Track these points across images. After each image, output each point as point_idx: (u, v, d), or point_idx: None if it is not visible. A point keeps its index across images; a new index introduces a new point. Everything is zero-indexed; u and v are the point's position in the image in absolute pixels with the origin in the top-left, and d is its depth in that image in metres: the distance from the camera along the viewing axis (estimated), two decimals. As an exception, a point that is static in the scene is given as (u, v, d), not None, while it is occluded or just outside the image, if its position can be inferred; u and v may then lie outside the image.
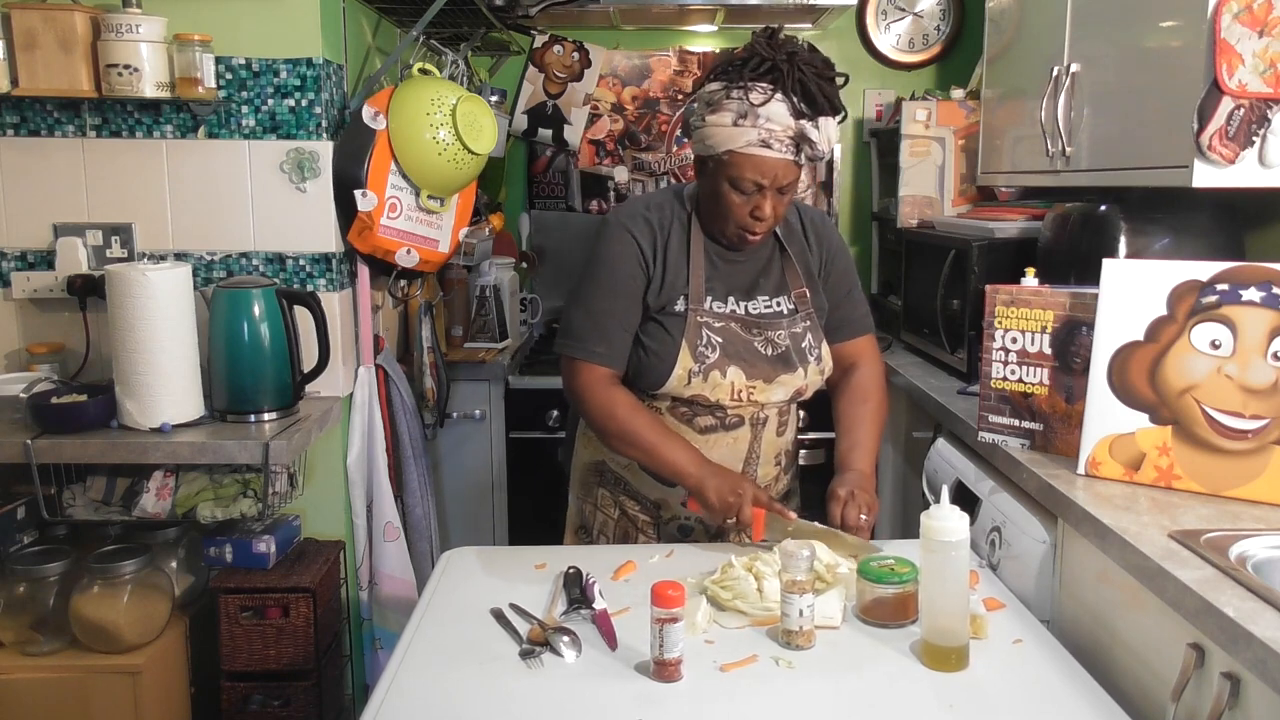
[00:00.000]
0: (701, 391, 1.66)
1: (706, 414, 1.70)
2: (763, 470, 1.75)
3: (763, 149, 1.53)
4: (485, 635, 1.38)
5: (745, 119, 1.53)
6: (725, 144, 1.55)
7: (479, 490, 2.89)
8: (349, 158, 2.21)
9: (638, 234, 1.67)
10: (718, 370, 1.65)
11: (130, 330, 1.94)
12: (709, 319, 1.66)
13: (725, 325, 1.67)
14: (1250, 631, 1.08)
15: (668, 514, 1.77)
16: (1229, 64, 1.69)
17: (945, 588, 1.28)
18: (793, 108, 1.52)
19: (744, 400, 1.68)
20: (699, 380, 1.65)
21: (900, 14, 3.35)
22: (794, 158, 1.55)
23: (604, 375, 1.67)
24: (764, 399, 1.69)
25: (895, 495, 2.82)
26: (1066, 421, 1.69)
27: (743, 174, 1.56)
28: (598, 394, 1.66)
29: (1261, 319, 1.47)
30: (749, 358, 1.67)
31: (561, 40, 3.40)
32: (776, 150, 1.53)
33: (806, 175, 3.44)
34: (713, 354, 1.65)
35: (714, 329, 1.66)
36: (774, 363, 1.68)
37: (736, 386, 1.66)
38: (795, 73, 1.52)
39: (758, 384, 1.67)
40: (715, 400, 1.67)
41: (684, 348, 1.64)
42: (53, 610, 1.96)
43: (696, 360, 1.64)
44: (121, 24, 1.96)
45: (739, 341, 1.67)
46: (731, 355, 1.66)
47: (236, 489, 2.10)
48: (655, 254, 1.67)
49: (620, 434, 1.64)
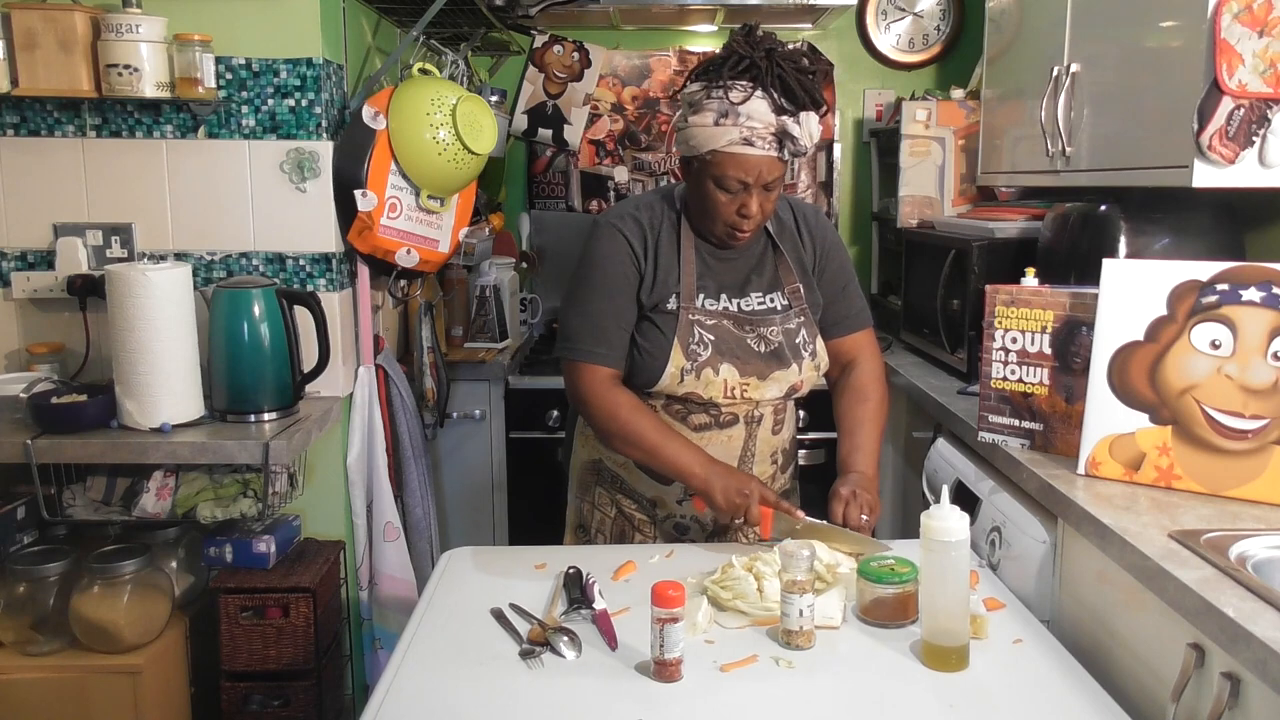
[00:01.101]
0: (695, 389, 1.66)
1: (700, 412, 1.70)
2: (758, 469, 1.75)
3: (745, 147, 1.54)
4: (485, 635, 1.38)
5: (726, 118, 1.53)
6: (708, 144, 1.56)
7: (479, 490, 2.89)
8: (349, 158, 2.21)
9: (628, 233, 1.68)
10: (710, 368, 1.65)
11: (130, 330, 1.94)
12: (701, 317, 1.66)
13: (717, 323, 1.67)
14: (1250, 631, 1.08)
15: (664, 512, 1.77)
16: (1229, 64, 1.69)
17: (945, 588, 1.28)
18: (773, 104, 1.53)
19: (737, 397, 1.68)
20: (691, 378, 1.65)
21: (900, 14, 3.35)
22: (777, 154, 1.55)
23: (606, 376, 1.67)
24: (758, 396, 1.69)
25: (895, 495, 2.82)
26: (1066, 421, 1.69)
27: (727, 173, 1.56)
28: (600, 396, 1.65)
29: (1261, 319, 1.47)
30: (742, 355, 1.67)
31: (561, 40, 3.40)
32: (759, 148, 1.54)
33: (806, 175, 3.44)
34: (705, 352, 1.65)
35: (706, 327, 1.66)
36: (767, 359, 1.68)
37: (730, 384, 1.66)
38: (774, 69, 1.52)
39: (751, 381, 1.67)
40: (709, 398, 1.67)
41: (676, 346, 1.64)
42: (53, 610, 1.96)
43: (689, 358, 1.64)
44: (121, 24, 1.97)
45: (731, 339, 1.67)
46: (724, 353, 1.66)
47: (236, 489, 2.11)
48: (646, 253, 1.68)
49: (623, 435, 1.64)
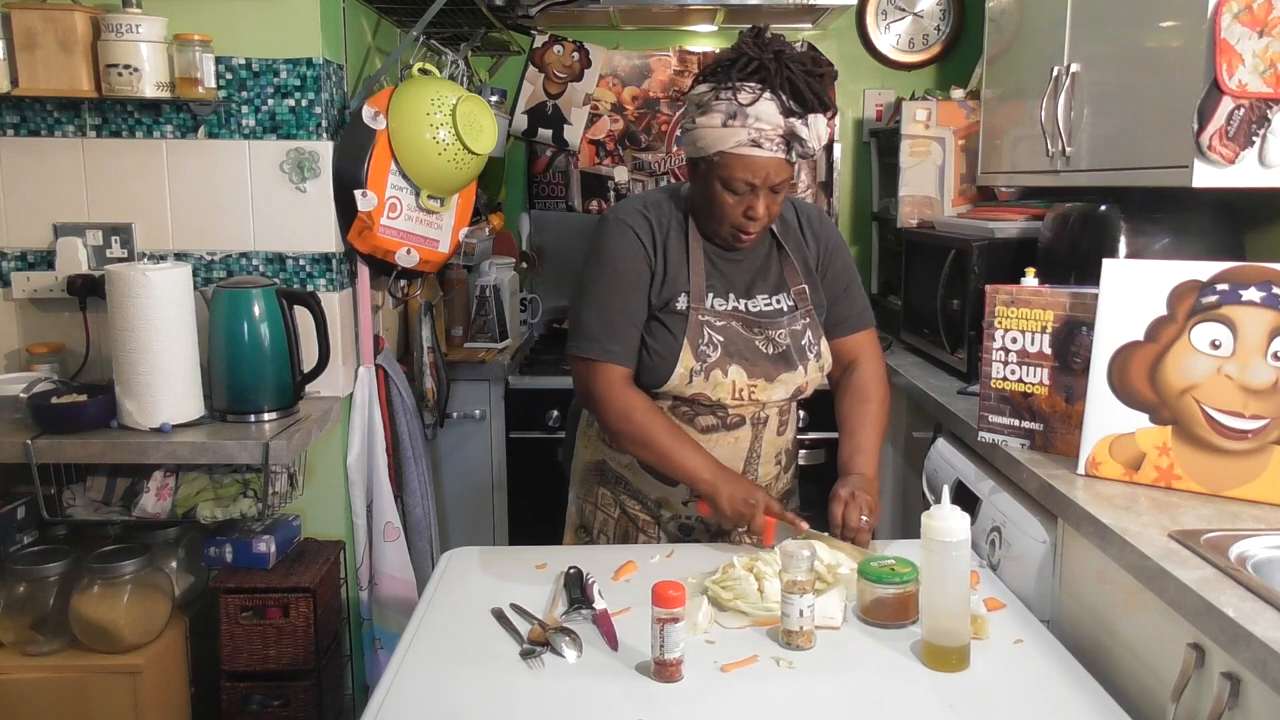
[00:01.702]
0: (703, 390, 1.66)
1: (708, 413, 1.70)
2: (763, 469, 1.75)
3: (753, 149, 1.53)
4: (485, 635, 1.38)
5: (735, 119, 1.52)
6: (716, 145, 1.55)
7: (479, 490, 2.89)
8: (349, 158, 2.21)
9: (639, 229, 1.67)
10: (719, 369, 1.65)
11: (130, 330, 1.94)
12: (710, 317, 1.66)
13: (727, 324, 1.67)
14: (1250, 631, 1.08)
15: (668, 512, 1.77)
16: (1229, 64, 1.69)
17: (946, 588, 1.28)
18: (781, 106, 1.52)
19: (745, 399, 1.68)
20: (700, 379, 1.65)
21: (900, 14, 3.35)
22: (785, 156, 1.55)
23: (620, 375, 1.65)
24: (765, 398, 1.69)
25: (895, 495, 2.82)
26: (1066, 421, 1.69)
27: (734, 174, 1.56)
28: (615, 395, 1.64)
29: (1261, 319, 1.47)
30: (751, 356, 1.67)
31: (561, 40, 3.40)
32: (767, 149, 1.53)
33: (806, 175, 3.44)
34: (714, 353, 1.65)
35: (715, 328, 1.66)
36: (775, 361, 1.68)
37: (738, 385, 1.66)
38: (783, 71, 1.51)
39: (759, 383, 1.67)
40: (717, 399, 1.67)
41: (686, 346, 1.64)
42: (53, 610, 1.96)
43: (698, 359, 1.64)
44: (121, 24, 1.97)
45: (740, 340, 1.67)
46: (733, 354, 1.66)
47: (236, 489, 2.10)
48: (656, 250, 1.67)
49: (636, 437, 1.63)
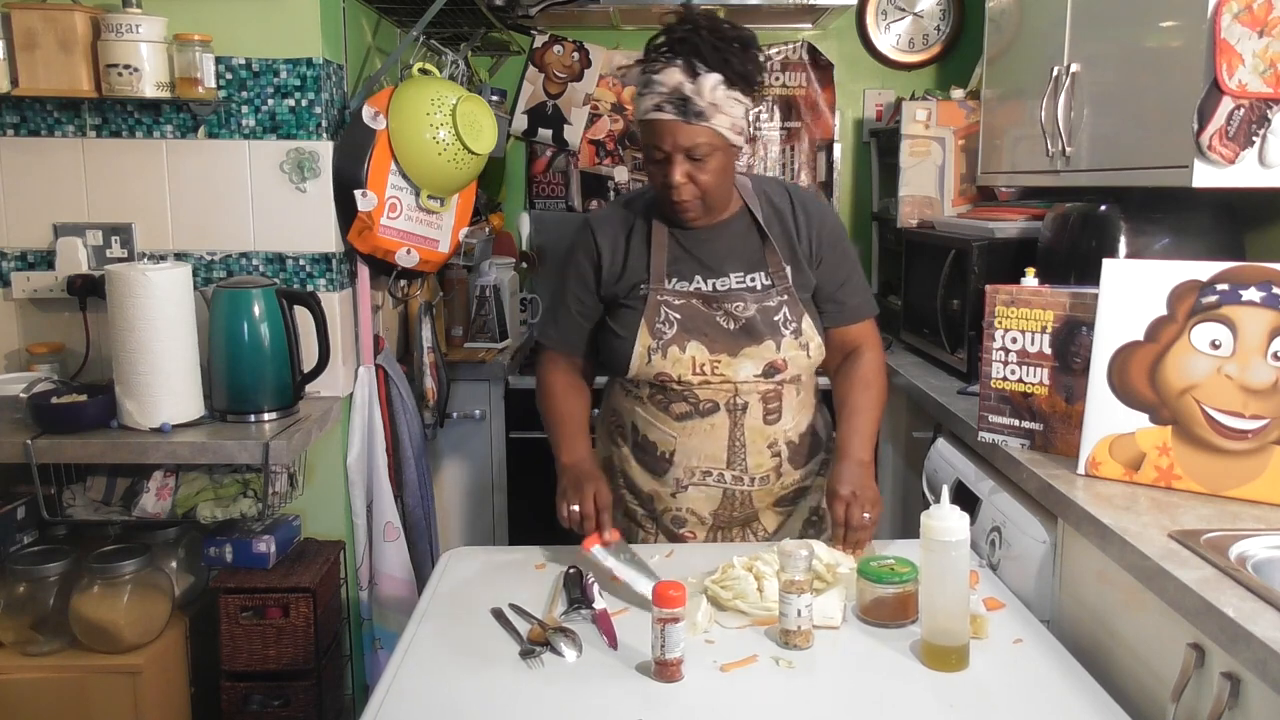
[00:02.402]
0: (664, 369, 1.68)
1: (680, 400, 1.71)
2: (753, 460, 1.72)
3: (656, 113, 1.58)
4: (485, 635, 1.38)
5: (646, 89, 1.59)
6: (636, 117, 1.63)
7: (479, 490, 2.90)
8: (349, 158, 2.21)
9: (596, 230, 1.78)
10: (676, 345, 1.67)
11: (130, 330, 1.94)
12: (669, 297, 1.70)
13: (686, 302, 1.70)
14: (1250, 631, 1.08)
15: (661, 506, 1.77)
16: (1229, 64, 1.69)
17: (945, 588, 1.28)
18: (684, 69, 1.56)
19: (709, 374, 1.68)
20: (658, 357, 1.68)
21: (900, 14, 3.35)
22: (679, 117, 1.56)
23: (551, 358, 1.83)
24: (731, 374, 1.68)
25: (895, 495, 2.82)
26: (1066, 421, 1.69)
27: (649, 142, 1.62)
28: (543, 375, 1.84)
29: (1261, 319, 1.47)
30: (710, 332, 1.68)
31: (561, 40, 3.40)
32: (666, 112, 1.57)
33: (807, 175, 3.44)
34: (670, 330, 1.68)
35: (673, 306, 1.70)
36: (736, 335, 1.69)
37: (698, 361, 1.68)
38: (693, 38, 1.56)
39: (722, 358, 1.68)
40: (678, 376, 1.68)
41: (643, 325, 1.69)
42: (53, 610, 1.96)
43: (654, 336, 1.68)
44: (121, 24, 1.97)
45: (699, 317, 1.69)
46: (690, 330, 1.68)
47: (236, 489, 2.11)
48: (616, 243, 1.75)
49: (542, 412, 1.81)
